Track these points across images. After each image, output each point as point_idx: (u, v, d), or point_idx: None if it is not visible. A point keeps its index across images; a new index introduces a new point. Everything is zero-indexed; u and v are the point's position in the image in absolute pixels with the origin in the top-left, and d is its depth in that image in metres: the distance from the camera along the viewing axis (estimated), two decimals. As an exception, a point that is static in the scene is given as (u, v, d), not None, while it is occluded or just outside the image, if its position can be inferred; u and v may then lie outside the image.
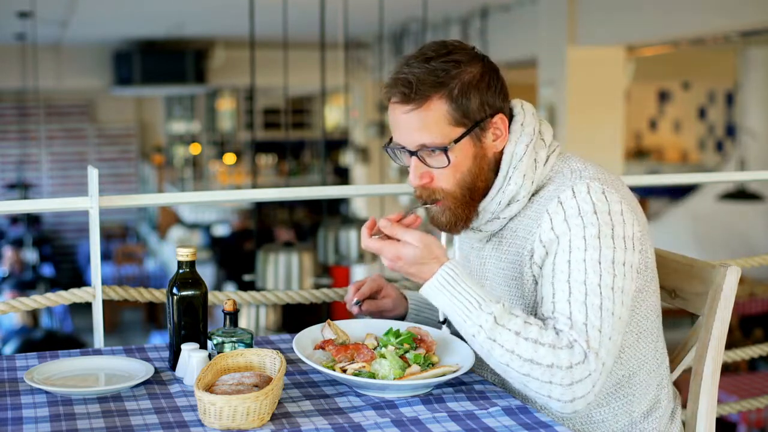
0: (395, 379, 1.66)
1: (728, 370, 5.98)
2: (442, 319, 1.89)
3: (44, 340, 6.46)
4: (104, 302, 2.24)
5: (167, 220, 12.77)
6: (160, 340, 8.66)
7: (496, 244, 1.77)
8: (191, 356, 1.72)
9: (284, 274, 4.43)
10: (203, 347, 1.80)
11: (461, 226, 1.76)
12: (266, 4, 5.46)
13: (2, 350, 6.49)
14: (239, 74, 10.04)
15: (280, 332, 4.98)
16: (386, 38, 9.07)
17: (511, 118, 1.76)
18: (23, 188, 11.29)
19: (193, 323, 1.81)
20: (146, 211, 13.60)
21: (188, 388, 1.71)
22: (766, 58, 9.17)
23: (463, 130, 1.68)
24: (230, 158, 13.79)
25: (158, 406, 1.62)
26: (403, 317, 1.99)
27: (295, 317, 6.18)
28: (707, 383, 1.81)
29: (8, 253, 10.25)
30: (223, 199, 3.73)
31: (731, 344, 5.52)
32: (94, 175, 2.19)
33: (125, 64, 10.28)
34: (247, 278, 4.64)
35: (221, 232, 12.52)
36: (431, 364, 1.72)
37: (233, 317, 1.81)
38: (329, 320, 1.85)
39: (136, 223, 14.22)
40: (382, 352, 1.71)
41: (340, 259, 4.95)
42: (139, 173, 14.06)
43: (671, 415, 1.81)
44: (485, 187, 1.73)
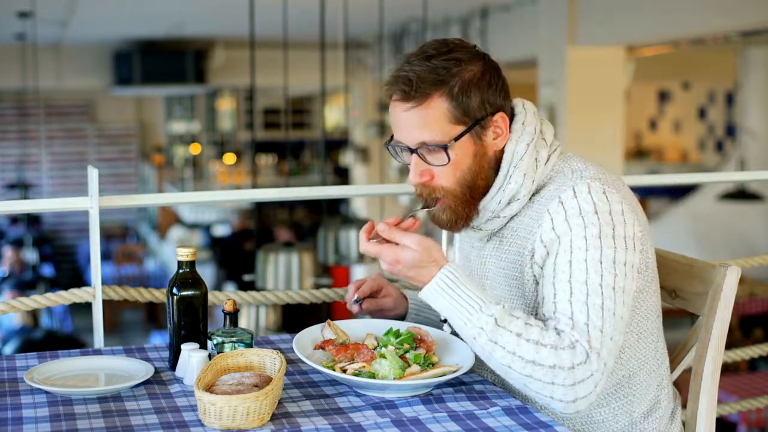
0: (395, 379, 1.65)
1: (728, 370, 5.98)
2: (443, 318, 1.88)
3: (44, 340, 6.46)
4: (104, 302, 2.24)
5: (167, 220, 12.77)
6: (160, 340, 8.66)
7: (497, 243, 1.77)
8: (191, 356, 1.72)
9: (284, 274, 4.43)
10: (203, 347, 1.80)
11: (462, 224, 1.75)
12: (266, 4, 5.46)
13: (2, 350, 6.48)
14: (239, 74, 10.04)
15: (280, 332, 4.98)
16: (386, 38, 9.06)
17: (512, 117, 1.75)
18: (23, 188, 11.29)
19: (193, 323, 1.81)
20: (146, 211, 13.60)
21: (188, 388, 1.71)
22: (766, 58, 9.17)
23: (463, 128, 1.68)
24: (230, 158, 13.78)
25: (158, 406, 1.62)
26: (403, 317, 1.99)
27: (295, 317, 6.18)
28: (707, 383, 1.81)
29: (8, 253, 10.25)
30: (223, 199, 3.73)
31: (731, 344, 5.52)
32: (94, 175, 2.19)
33: (125, 64, 10.27)
34: (247, 278, 4.64)
35: (221, 232, 12.52)
36: (431, 364, 1.72)
37: (233, 317, 1.81)
38: (329, 320, 1.85)
39: (136, 223, 14.22)
40: (382, 352, 1.71)
41: (340, 259, 4.95)
42: (139, 173, 14.06)
43: (671, 415, 1.81)
44: (485, 185, 1.73)
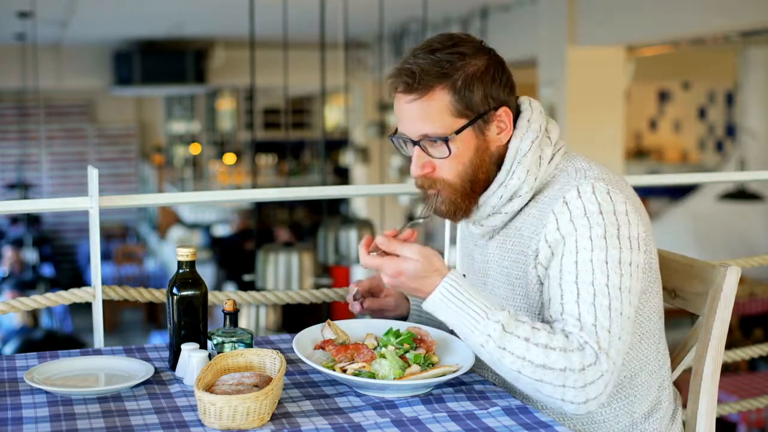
0: (395, 379, 1.65)
1: (728, 370, 5.98)
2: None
3: (44, 340, 6.46)
4: (104, 302, 2.24)
5: (167, 220, 12.77)
6: (160, 340, 8.66)
7: (500, 242, 1.77)
8: (191, 356, 1.72)
9: (284, 274, 4.43)
10: (203, 347, 1.80)
11: (461, 215, 1.76)
12: (266, 4, 5.46)
13: (2, 350, 6.48)
14: (239, 74, 10.04)
15: (280, 332, 4.98)
16: (386, 38, 9.06)
17: (518, 113, 1.76)
18: (23, 188, 11.28)
19: (193, 323, 1.81)
20: (146, 211, 13.60)
21: (188, 388, 1.71)
22: (766, 58, 9.17)
23: (465, 121, 1.68)
24: (230, 158, 13.78)
25: (158, 406, 1.62)
26: (405, 317, 1.99)
27: (295, 317, 6.18)
28: (707, 383, 1.81)
29: (8, 253, 10.25)
30: (223, 199, 3.73)
31: (731, 344, 5.52)
32: (94, 175, 2.19)
33: (125, 64, 10.27)
34: (247, 278, 4.64)
35: (221, 232, 12.52)
36: (431, 364, 1.72)
37: (233, 317, 1.81)
38: (329, 320, 1.85)
39: (136, 223, 14.22)
40: (382, 352, 1.71)
41: (340, 259, 4.95)
42: (139, 173, 14.06)
43: (672, 416, 1.81)
44: (486, 179, 1.73)
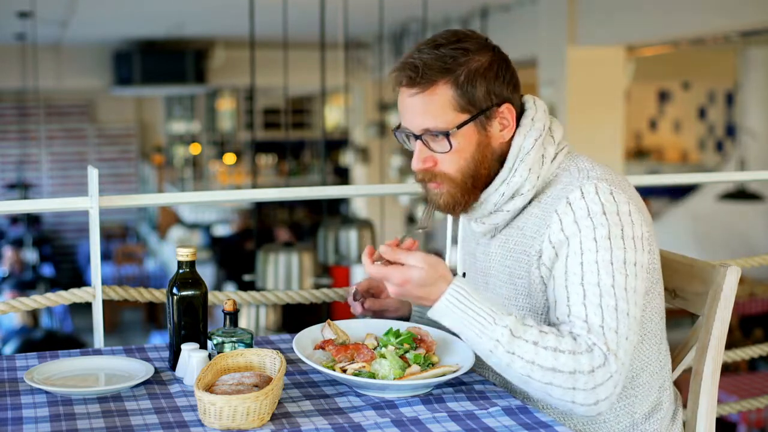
0: (395, 379, 1.66)
1: (728, 370, 5.98)
2: None
3: (44, 340, 6.46)
4: (104, 302, 2.24)
5: (167, 220, 12.77)
6: (160, 340, 8.66)
7: (502, 241, 1.77)
8: (191, 356, 1.72)
9: (284, 274, 4.43)
10: (203, 347, 1.80)
11: (460, 210, 1.76)
12: (266, 4, 5.46)
13: (2, 350, 6.48)
14: (239, 74, 10.04)
15: (280, 332, 4.97)
16: (386, 38, 9.06)
17: (522, 111, 1.76)
18: (23, 188, 11.28)
19: (193, 323, 1.81)
20: (146, 211, 13.60)
21: (188, 388, 1.71)
22: (766, 58, 9.17)
23: (467, 116, 1.69)
24: (230, 158, 13.78)
25: (158, 406, 1.62)
26: (407, 318, 1.99)
27: (295, 317, 6.18)
28: (707, 383, 1.81)
29: (8, 253, 10.25)
30: (223, 199, 3.72)
31: (731, 344, 5.52)
32: (94, 175, 2.19)
33: (125, 64, 10.27)
34: (247, 278, 4.64)
35: (221, 232, 12.52)
36: (431, 364, 1.72)
37: (233, 317, 1.81)
38: (329, 320, 1.85)
39: (136, 223, 14.22)
40: (382, 352, 1.71)
41: (340, 259, 4.94)
42: (139, 173, 14.06)
43: (672, 416, 1.81)
44: (488, 174, 1.73)
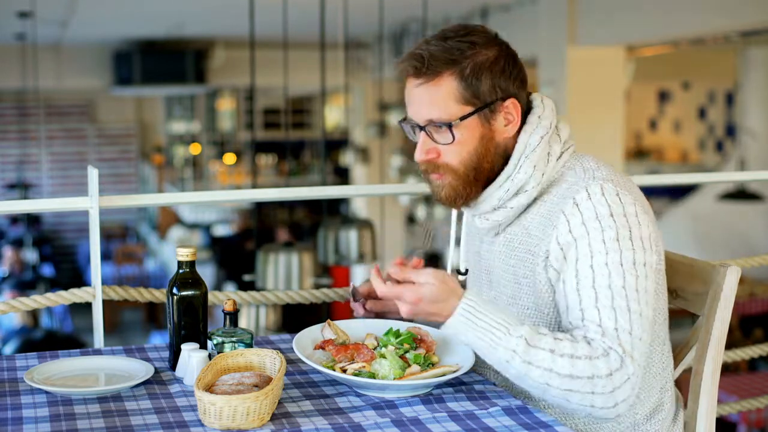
0: (395, 379, 1.66)
1: (728, 370, 5.98)
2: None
3: (44, 340, 6.46)
4: (104, 302, 2.24)
5: (167, 220, 12.77)
6: (160, 340, 8.66)
7: (507, 240, 1.77)
8: (191, 356, 1.72)
9: (284, 274, 4.42)
10: (203, 347, 1.80)
11: (461, 202, 1.76)
12: (266, 4, 5.46)
13: (2, 350, 6.48)
14: (239, 74, 10.04)
15: (280, 332, 4.97)
16: (386, 38, 9.06)
17: (529, 109, 1.77)
18: (23, 188, 11.28)
19: (193, 323, 1.81)
20: (146, 211, 13.60)
21: (188, 388, 1.71)
22: (766, 58, 9.17)
23: (471, 108, 1.69)
24: (230, 158, 13.78)
25: (158, 406, 1.62)
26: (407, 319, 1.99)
27: (295, 317, 6.17)
28: (707, 383, 1.81)
29: (8, 253, 10.25)
30: (223, 199, 3.73)
31: (731, 344, 5.52)
32: (94, 175, 2.19)
33: (125, 64, 10.27)
34: (247, 278, 4.64)
35: (221, 232, 12.52)
36: (431, 364, 1.72)
37: (233, 317, 1.81)
38: (329, 320, 1.85)
39: (136, 223, 14.22)
40: (382, 352, 1.71)
41: (340, 259, 4.94)
42: (139, 173, 14.06)
43: (674, 417, 1.82)
44: (491, 169, 1.73)
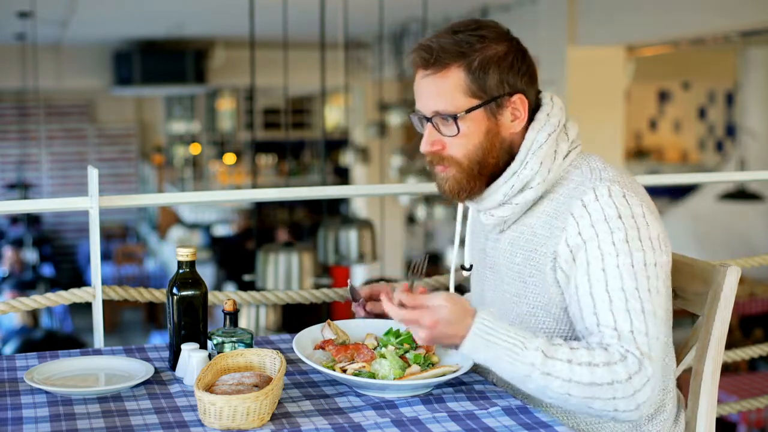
0: (395, 379, 1.66)
1: (728, 370, 5.98)
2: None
3: (44, 340, 6.46)
4: (104, 302, 2.24)
5: (167, 220, 12.77)
6: (160, 340, 8.66)
7: (513, 238, 1.77)
8: (191, 356, 1.72)
9: (284, 274, 4.42)
10: (203, 347, 1.81)
11: (464, 196, 1.76)
12: (266, 4, 5.45)
13: (2, 350, 6.48)
14: (239, 74, 10.03)
15: (280, 332, 4.97)
16: (386, 38, 9.06)
17: (538, 106, 1.77)
18: (23, 188, 11.28)
19: (193, 323, 1.81)
20: (146, 211, 13.60)
21: (188, 388, 1.71)
22: (766, 58, 9.17)
23: (477, 102, 1.70)
24: (230, 158, 13.78)
25: (158, 406, 1.62)
26: None
27: (295, 317, 6.17)
28: (707, 383, 1.81)
29: (8, 253, 10.25)
30: (223, 199, 3.73)
31: (731, 344, 5.52)
32: (94, 175, 2.19)
33: (125, 64, 10.27)
34: (247, 278, 4.64)
35: (221, 232, 12.52)
36: (431, 364, 1.72)
37: (233, 317, 1.81)
38: (329, 320, 1.86)
39: (136, 223, 14.22)
40: (382, 352, 1.71)
41: (340, 259, 4.94)
42: (139, 173, 14.06)
43: (675, 419, 1.82)
44: (496, 164, 1.74)
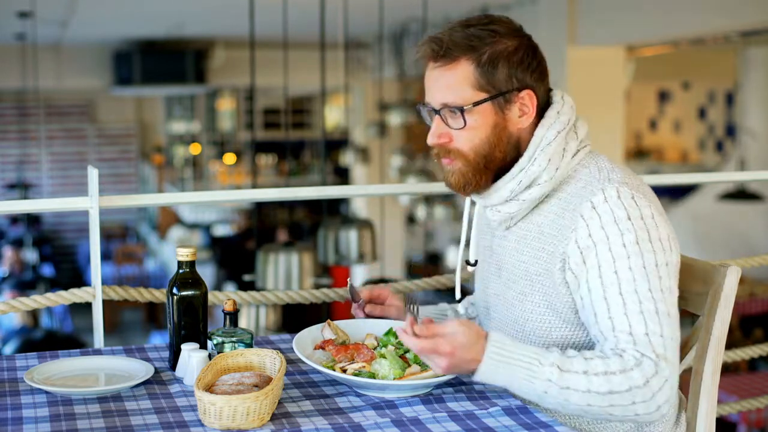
0: (395, 379, 1.66)
1: (728, 370, 5.98)
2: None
3: (44, 340, 6.45)
4: (104, 302, 2.24)
5: (167, 220, 12.77)
6: (160, 340, 8.66)
7: (520, 236, 1.77)
8: (191, 356, 1.72)
9: (284, 274, 4.42)
10: (203, 347, 1.81)
11: (470, 189, 1.77)
12: (266, 4, 5.45)
13: (2, 350, 6.48)
14: (239, 74, 10.03)
15: (280, 332, 4.97)
16: (386, 38, 9.05)
17: (548, 104, 1.77)
18: (23, 188, 11.28)
19: (193, 323, 1.81)
20: (146, 211, 13.60)
21: (188, 388, 1.71)
22: (766, 58, 9.17)
23: (485, 95, 1.70)
24: (230, 158, 13.78)
25: (158, 406, 1.62)
26: None
27: (295, 317, 6.17)
28: (707, 383, 1.81)
29: (8, 253, 10.24)
30: (223, 199, 3.72)
31: (731, 344, 5.52)
32: (94, 175, 2.19)
33: (125, 64, 10.26)
34: (247, 278, 4.64)
35: (221, 232, 12.52)
36: (431, 364, 1.72)
37: (233, 317, 1.81)
38: (329, 320, 1.86)
39: (136, 223, 14.22)
40: (382, 352, 1.71)
41: (340, 259, 4.94)
42: (139, 173, 14.06)
43: (676, 420, 1.82)
44: (502, 158, 1.74)
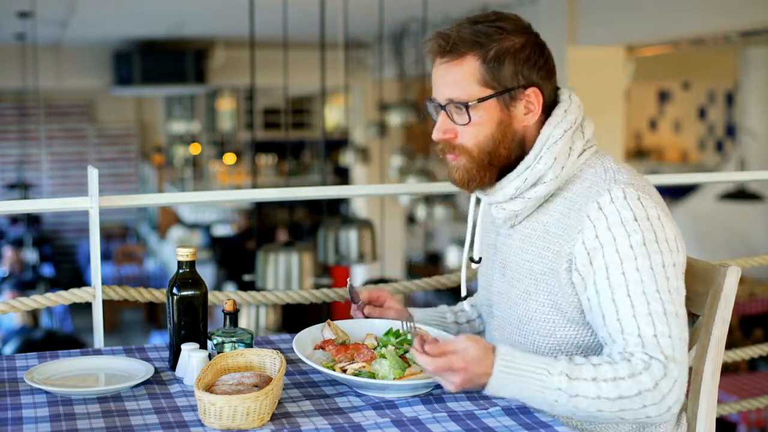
0: (395, 379, 1.66)
1: (728, 370, 5.98)
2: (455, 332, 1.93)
3: (44, 340, 6.46)
4: (104, 302, 2.24)
5: (167, 220, 12.78)
6: (160, 340, 8.66)
7: (525, 234, 1.77)
8: (191, 356, 1.72)
9: (284, 274, 4.42)
10: (203, 347, 1.81)
11: (474, 186, 1.77)
12: (266, 4, 5.45)
13: (2, 350, 6.48)
14: (239, 74, 10.03)
15: (280, 332, 4.97)
16: (386, 38, 9.05)
17: (555, 102, 1.77)
18: (23, 188, 11.28)
19: (193, 323, 1.81)
20: (146, 211, 13.60)
21: (188, 388, 1.71)
22: (766, 58, 9.17)
23: (490, 92, 1.70)
24: (230, 158, 13.78)
25: (158, 406, 1.62)
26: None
27: (295, 317, 6.17)
28: (707, 383, 1.81)
29: (8, 253, 10.24)
30: (223, 199, 3.72)
31: (731, 344, 5.52)
32: (94, 175, 2.19)
33: (125, 64, 10.27)
34: (247, 278, 4.64)
35: (221, 232, 12.52)
36: (431, 364, 1.71)
37: (233, 317, 1.81)
38: (329, 320, 1.86)
39: (136, 223, 14.22)
40: (382, 352, 1.71)
41: (340, 259, 4.94)
42: (139, 173, 14.06)
43: (677, 421, 1.82)
44: (507, 156, 1.74)
